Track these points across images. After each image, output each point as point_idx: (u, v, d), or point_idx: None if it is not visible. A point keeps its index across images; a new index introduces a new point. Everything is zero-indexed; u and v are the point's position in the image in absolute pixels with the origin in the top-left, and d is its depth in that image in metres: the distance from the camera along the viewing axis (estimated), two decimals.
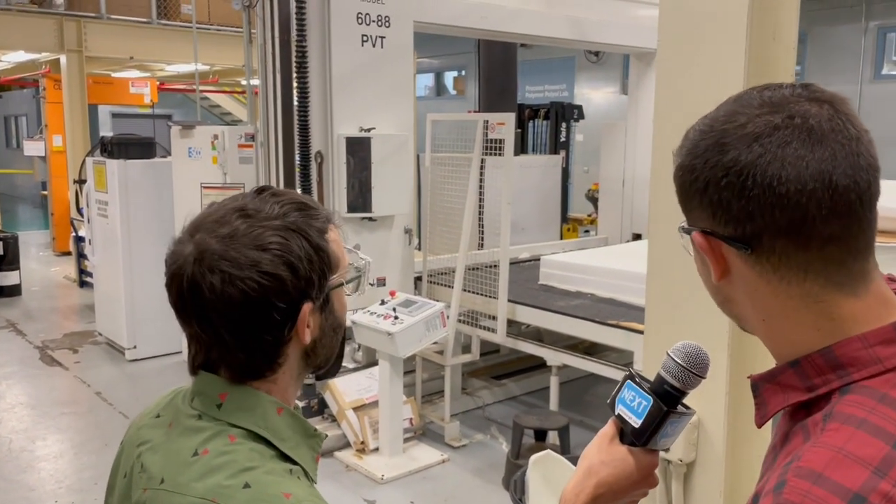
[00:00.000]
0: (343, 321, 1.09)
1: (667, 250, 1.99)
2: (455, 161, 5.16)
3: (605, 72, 12.43)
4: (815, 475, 0.71)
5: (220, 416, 1.00)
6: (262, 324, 0.99)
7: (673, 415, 1.01)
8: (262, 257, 0.97)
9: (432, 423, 4.97)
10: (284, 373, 1.04)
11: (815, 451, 0.73)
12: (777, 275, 0.81)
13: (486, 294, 4.83)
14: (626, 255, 5.44)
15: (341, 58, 4.76)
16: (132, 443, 1.08)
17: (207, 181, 5.73)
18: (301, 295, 0.99)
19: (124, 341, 6.53)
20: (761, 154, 0.77)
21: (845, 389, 0.78)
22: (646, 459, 1.03)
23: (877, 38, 9.91)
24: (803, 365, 0.81)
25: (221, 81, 13.19)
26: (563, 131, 7.87)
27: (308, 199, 1.07)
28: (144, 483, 0.99)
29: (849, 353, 0.79)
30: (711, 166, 0.80)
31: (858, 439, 0.72)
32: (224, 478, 0.93)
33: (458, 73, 14.69)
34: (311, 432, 1.06)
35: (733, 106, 0.83)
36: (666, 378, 1.01)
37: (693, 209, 0.85)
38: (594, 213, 8.41)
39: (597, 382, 5.92)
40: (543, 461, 2.89)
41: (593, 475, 1.03)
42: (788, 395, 0.83)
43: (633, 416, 1.03)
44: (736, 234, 0.81)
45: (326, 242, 1.02)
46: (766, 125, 0.78)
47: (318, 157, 4.85)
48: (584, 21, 6.04)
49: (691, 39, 1.88)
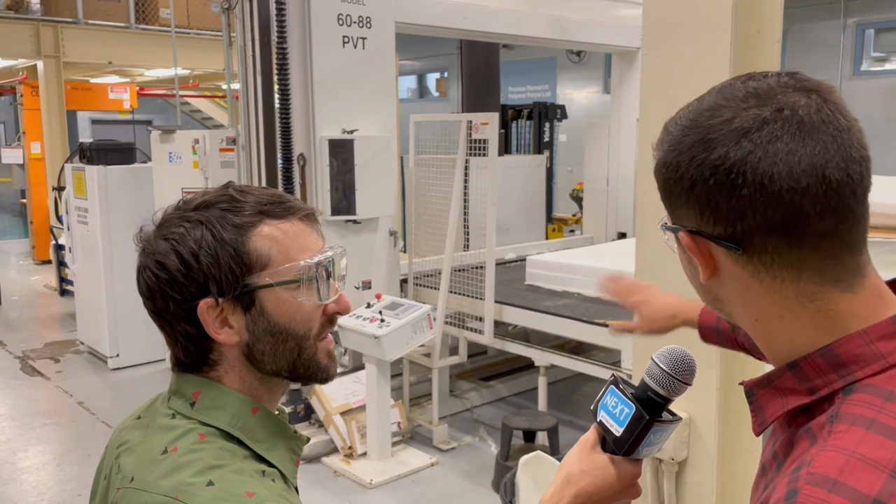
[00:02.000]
0: (289, 327, 0.99)
1: (655, 248, 1.97)
2: (439, 162, 5.13)
3: (587, 72, 12.45)
4: (830, 482, 0.67)
5: (193, 415, 0.98)
6: (169, 315, 0.98)
7: (657, 423, 0.96)
8: (160, 247, 0.97)
9: (420, 427, 4.93)
10: (228, 372, 1.00)
11: (827, 456, 0.70)
12: (770, 274, 0.77)
13: (473, 295, 4.80)
14: (611, 253, 5.43)
15: (322, 59, 4.72)
16: (113, 445, 1.06)
17: (189, 186, 5.66)
18: (199, 289, 0.96)
19: (106, 350, 6.44)
20: (751, 150, 0.73)
21: (849, 389, 0.74)
22: (628, 469, 0.99)
23: (855, 34, 10.00)
24: (802, 366, 0.78)
25: (202, 86, 13.08)
26: (547, 131, 7.86)
27: (248, 194, 1.01)
28: (118, 482, 0.97)
29: (851, 351, 0.75)
30: (698, 164, 0.76)
31: (871, 441, 0.69)
32: (189, 475, 0.90)
33: (441, 75, 14.66)
34: (290, 434, 1.03)
35: (717, 98, 0.78)
36: (650, 384, 0.97)
37: (678, 207, 0.81)
38: (579, 213, 8.41)
39: (584, 382, 5.91)
40: (533, 462, 2.87)
41: (573, 484, 0.99)
42: (787, 400, 0.79)
43: (614, 424, 0.98)
44: (725, 233, 0.77)
45: (245, 238, 0.97)
46: (755, 119, 0.74)
47: (300, 160, 4.80)
48: (566, 20, 6.03)
49: (676, 34, 1.86)
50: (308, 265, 1.00)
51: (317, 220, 1.05)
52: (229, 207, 0.98)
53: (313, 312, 1.02)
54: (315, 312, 1.02)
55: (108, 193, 6.32)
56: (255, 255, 0.97)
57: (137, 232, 1.02)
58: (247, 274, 0.97)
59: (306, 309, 1.01)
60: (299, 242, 1.00)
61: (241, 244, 0.97)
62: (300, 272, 0.99)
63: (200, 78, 12.19)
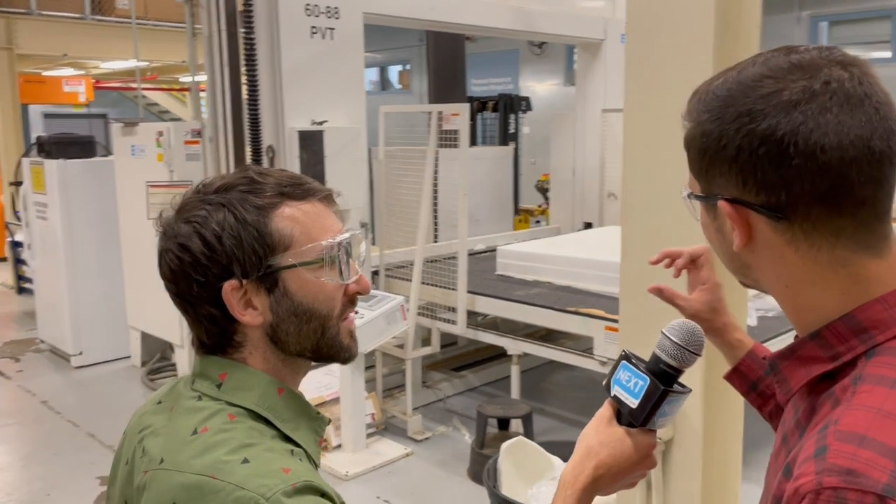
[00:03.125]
0: (313, 307, 1.01)
1: (640, 235, 2.01)
2: (407, 154, 5.13)
3: (549, 64, 12.54)
4: (858, 437, 0.70)
5: (220, 396, 0.99)
6: (192, 298, 0.99)
7: (671, 394, 1.00)
8: (182, 230, 0.98)
9: (394, 418, 4.94)
10: (252, 353, 1.01)
11: (854, 414, 0.73)
12: (808, 241, 0.80)
13: (445, 286, 4.82)
14: (579, 243, 5.50)
15: (291, 50, 4.68)
16: (133, 430, 1.06)
17: (153, 179, 5.57)
18: (223, 270, 0.96)
19: (69, 348, 6.31)
20: (802, 122, 0.75)
21: (871, 353, 0.78)
22: (644, 440, 1.03)
23: (809, 27, 10.25)
24: (824, 335, 0.81)
25: (160, 78, 12.85)
26: (512, 123, 7.91)
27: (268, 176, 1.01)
28: (145, 465, 0.97)
29: (871, 317, 0.79)
30: (745, 134, 0.78)
31: (894, 399, 0.72)
32: (223, 453, 0.91)
33: (403, 68, 14.63)
34: (313, 415, 1.05)
35: (761, 69, 0.80)
36: (662, 357, 1.01)
37: (715, 176, 0.83)
38: (544, 204, 8.49)
39: (554, 370, 5.98)
40: (515, 448, 2.91)
41: (593, 456, 1.02)
42: (811, 369, 0.83)
43: (629, 397, 1.02)
44: (769, 202, 0.79)
45: (267, 219, 0.97)
46: (804, 91, 0.76)
47: (269, 152, 4.76)
48: (531, 12, 6.07)
49: (659, 25, 1.89)
50: (331, 245, 1.00)
51: (334, 202, 1.06)
52: (250, 189, 0.99)
53: (335, 292, 1.02)
54: (337, 292, 1.03)
55: (68, 188, 6.17)
56: (277, 235, 0.98)
57: (157, 217, 1.02)
58: (270, 255, 0.98)
59: (329, 289, 1.02)
60: (320, 223, 1.01)
61: (264, 225, 0.97)
62: (323, 252, 1.00)
63: (159, 70, 11.98)
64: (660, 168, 1.95)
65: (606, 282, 4.60)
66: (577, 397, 5.57)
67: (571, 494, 1.01)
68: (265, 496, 0.87)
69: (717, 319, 1.28)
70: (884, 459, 0.68)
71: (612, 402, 1.05)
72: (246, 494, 0.87)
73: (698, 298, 1.28)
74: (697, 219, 0.91)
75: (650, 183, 1.96)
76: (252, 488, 0.87)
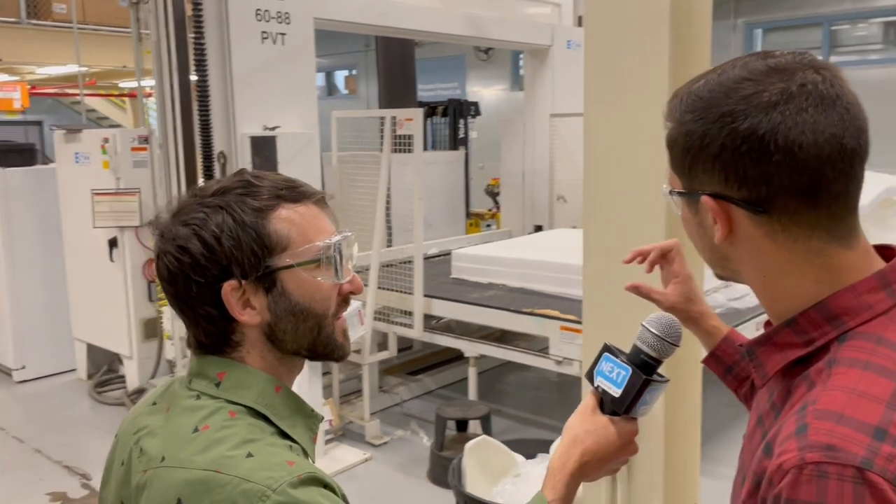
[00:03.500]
0: (310, 306, 1.03)
1: (602, 236, 2.07)
2: (359, 159, 5.14)
3: (495, 69, 12.67)
4: (836, 415, 0.76)
5: (219, 395, 1.01)
6: (191, 299, 1.00)
7: (651, 383, 1.06)
8: (181, 232, 0.99)
9: (352, 423, 4.94)
10: (250, 352, 1.03)
11: (831, 394, 0.78)
12: (785, 233, 0.85)
13: (400, 290, 4.84)
14: (531, 245, 5.59)
15: (242, 55, 4.64)
16: (128, 432, 1.06)
17: (99, 187, 5.45)
18: (222, 271, 0.98)
19: (11, 362, 6.10)
20: (781, 121, 0.81)
21: (843, 338, 0.84)
22: (626, 427, 1.08)
23: (745, 34, 10.61)
24: (799, 321, 0.87)
25: (99, 84, 12.53)
26: (462, 128, 7.97)
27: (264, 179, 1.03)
28: (144, 465, 0.98)
29: (842, 304, 0.85)
30: (728, 133, 0.83)
31: (868, 379, 0.78)
32: (227, 449, 0.93)
33: (350, 73, 14.59)
34: (308, 412, 1.07)
35: (740, 72, 0.85)
36: (642, 348, 1.07)
37: (698, 173, 0.88)
38: (494, 208, 8.57)
39: (507, 372, 6.06)
40: (479, 447, 2.95)
41: (578, 444, 1.07)
42: (786, 354, 0.88)
43: (612, 387, 1.07)
44: (750, 196, 0.84)
45: (264, 221, 1.00)
46: (782, 93, 0.82)
47: (221, 158, 4.70)
48: (480, 18, 6.14)
49: (617, 32, 1.96)
50: (326, 246, 1.03)
51: (327, 205, 1.08)
52: (247, 192, 1.01)
53: (330, 291, 1.05)
54: (332, 292, 1.06)
55: (8, 197, 5.98)
56: (275, 237, 1.00)
57: (153, 220, 1.03)
58: (268, 256, 1.00)
59: (325, 288, 1.04)
60: (315, 225, 1.04)
61: (262, 227, 1.00)
62: (319, 253, 1.03)
63: (97, 75, 11.68)
64: (620, 170, 2.01)
65: (560, 283, 4.69)
66: (532, 397, 5.65)
67: (560, 480, 1.06)
68: (272, 488, 0.89)
69: (693, 309, 1.34)
70: (860, 435, 0.74)
71: (595, 392, 1.10)
72: (253, 487, 0.89)
73: (673, 291, 1.34)
74: (679, 214, 0.96)
75: (611, 185, 2.03)
76: (258, 480, 0.89)
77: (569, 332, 4.07)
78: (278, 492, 0.88)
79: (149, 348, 5.61)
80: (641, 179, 1.95)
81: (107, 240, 5.52)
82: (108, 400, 5.66)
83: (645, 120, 1.96)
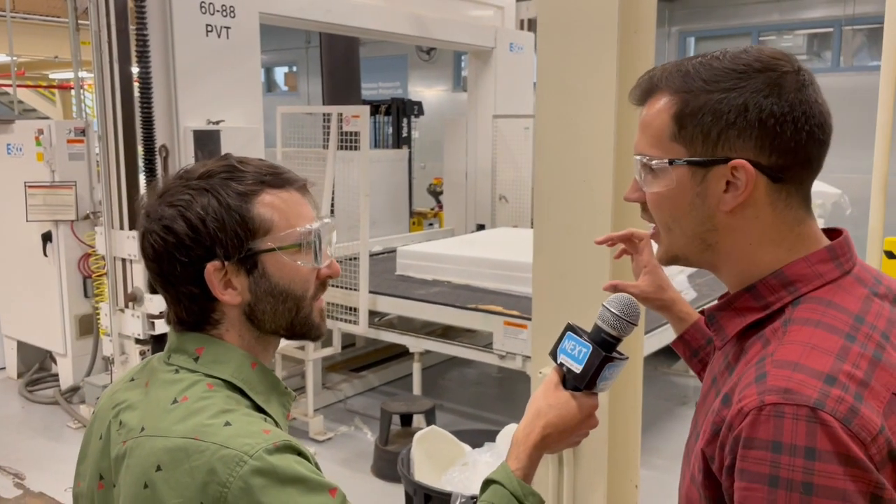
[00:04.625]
0: (289, 288, 1.07)
1: (552, 233, 2.16)
2: (303, 155, 5.13)
3: (438, 70, 12.75)
4: (792, 364, 0.86)
5: (197, 368, 1.04)
6: (174, 277, 1.04)
7: (611, 360, 1.12)
8: (166, 213, 1.03)
9: (295, 420, 4.92)
10: (229, 330, 1.07)
11: (787, 347, 0.88)
12: (785, 202, 0.95)
13: (345, 286, 4.86)
14: (475, 243, 5.68)
15: (185, 48, 4.58)
16: (106, 407, 1.09)
17: (32, 180, 5.29)
18: (206, 252, 1.02)
19: None
20: (814, 100, 0.92)
21: (797, 301, 0.94)
22: (587, 402, 1.15)
23: (679, 42, 10.96)
24: (758, 288, 0.96)
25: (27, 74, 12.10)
26: (405, 127, 8.01)
27: (248, 165, 1.06)
28: (124, 436, 1.01)
29: (797, 272, 0.95)
30: (775, 101, 0.91)
31: (819, 335, 0.88)
32: (205, 418, 0.96)
33: (290, 69, 14.44)
34: (282, 390, 1.11)
35: (755, 54, 0.94)
36: (603, 327, 1.13)
37: (731, 139, 0.92)
38: (437, 207, 8.64)
39: (449, 368, 6.14)
40: (427, 437, 3.00)
41: (541, 417, 1.14)
42: (745, 317, 0.97)
43: (574, 363, 1.13)
44: (777, 163, 0.92)
45: (248, 205, 1.03)
46: (806, 76, 0.93)
47: (162, 151, 4.63)
48: (425, 18, 6.20)
49: (568, 33, 2.05)
50: (308, 231, 1.07)
51: (309, 192, 1.12)
52: (232, 177, 1.04)
53: (309, 275, 1.09)
54: (311, 275, 1.10)
55: None
56: (258, 220, 1.04)
57: (138, 200, 1.05)
58: (251, 238, 1.03)
59: (304, 272, 1.08)
60: (297, 211, 1.08)
61: (246, 210, 1.03)
62: (300, 238, 1.07)
63: (27, 66, 11.28)
64: (569, 168, 2.10)
65: (503, 280, 4.79)
66: (474, 392, 5.74)
67: (524, 451, 1.12)
68: (248, 453, 0.92)
69: (664, 297, 1.42)
70: (813, 380, 0.83)
71: (558, 368, 1.17)
72: (230, 453, 0.92)
73: (645, 281, 1.42)
74: (658, 188, 0.98)
75: (560, 183, 2.11)
76: (236, 447, 0.93)
77: (512, 328, 4.17)
78: (255, 457, 0.92)
79: (84, 345, 5.47)
80: (589, 177, 2.04)
81: (41, 234, 5.37)
82: (40, 399, 5.50)
83: (594, 120, 2.05)
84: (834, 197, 5.50)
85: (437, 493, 2.79)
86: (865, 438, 0.80)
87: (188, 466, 0.92)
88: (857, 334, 0.88)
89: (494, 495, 1.09)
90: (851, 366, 0.85)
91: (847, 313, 0.91)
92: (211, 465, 0.92)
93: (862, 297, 0.94)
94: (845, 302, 0.92)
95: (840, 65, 9.66)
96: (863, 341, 0.88)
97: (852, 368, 0.84)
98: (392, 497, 4.01)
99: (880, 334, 0.90)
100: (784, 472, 0.80)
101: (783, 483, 0.80)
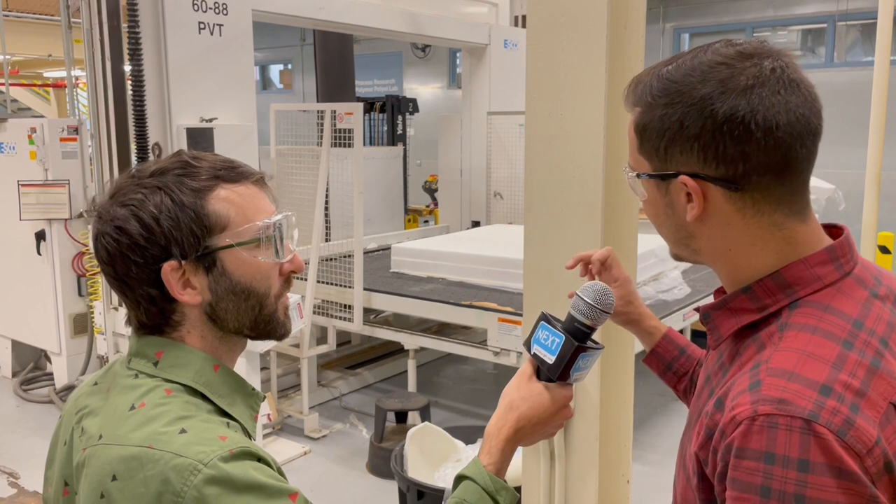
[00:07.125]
0: (250, 286, 1.04)
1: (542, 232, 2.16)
2: (297, 153, 5.12)
3: (433, 67, 12.74)
4: (787, 373, 0.83)
5: (157, 373, 1.02)
6: (130, 280, 1.01)
7: (584, 350, 1.10)
8: (119, 213, 1.00)
9: (290, 418, 4.93)
10: (191, 332, 1.04)
11: (783, 354, 0.86)
12: (755, 208, 0.91)
13: (340, 284, 4.86)
14: (470, 240, 5.67)
15: (178, 46, 4.57)
16: (70, 412, 1.07)
17: (26, 179, 5.28)
18: (162, 252, 0.99)
19: None
20: (759, 103, 0.86)
21: (794, 305, 0.91)
22: (560, 393, 1.12)
23: (673, 38, 10.96)
24: (755, 289, 0.94)
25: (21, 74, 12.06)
26: (400, 124, 8.01)
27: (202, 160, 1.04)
28: (84, 443, 0.99)
29: (795, 275, 0.92)
30: (709, 115, 0.87)
31: (816, 342, 0.86)
32: (161, 425, 0.94)
33: (285, 67, 14.43)
34: (249, 391, 1.09)
35: (712, 57, 0.90)
36: (576, 316, 1.10)
37: (675, 154, 0.91)
38: (432, 204, 8.64)
39: (444, 365, 6.14)
40: (421, 434, 3.00)
41: (514, 410, 1.11)
42: (740, 318, 0.95)
43: (547, 354, 1.10)
44: (727, 174, 0.89)
45: (203, 201, 1.00)
46: (757, 76, 0.87)
47: (155, 149, 4.62)
48: (419, 15, 6.19)
49: (558, 31, 2.05)
50: (266, 225, 1.04)
51: (266, 185, 1.10)
52: (185, 173, 1.01)
53: (271, 271, 1.06)
54: (273, 271, 1.07)
55: None
56: (214, 217, 1.01)
57: (90, 202, 1.03)
58: (207, 236, 1.01)
59: (265, 268, 1.05)
60: (255, 205, 1.05)
61: (201, 207, 1.00)
62: (259, 232, 1.04)
63: (21, 65, 11.25)
64: (558, 165, 2.10)
65: (498, 276, 4.79)
66: (469, 389, 5.74)
67: (496, 445, 1.10)
68: (203, 462, 0.90)
69: (633, 311, 1.41)
70: (808, 391, 0.81)
71: (531, 360, 1.14)
72: (184, 461, 0.90)
73: (615, 295, 1.41)
74: (643, 197, 0.99)
75: (550, 179, 2.11)
76: (190, 455, 0.90)
77: (506, 324, 4.17)
78: (209, 465, 0.90)
79: (78, 344, 5.46)
80: (579, 173, 2.04)
81: (34, 233, 5.36)
82: (35, 398, 5.49)
83: (583, 116, 2.05)
84: (827, 192, 5.50)
85: (429, 489, 2.79)
86: (861, 450, 0.78)
87: (142, 476, 0.90)
88: (856, 341, 0.86)
89: (465, 491, 1.07)
90: (848, 375, 0.83)
91: (845, 318, 0.89)
92: (165, 475, 0.89)
93: (861, 301, 0.91)
94: (844, 306, 0.90)
95: (834, 60, 9.68)
96: (861, 348, 0.85)
97: (849, 378, 0.83)
98: (388, 494, 4.01)
99: (879, 340, 0.87)
100: (776, 484, 0.79)
101: (775, 494, 0.79)
